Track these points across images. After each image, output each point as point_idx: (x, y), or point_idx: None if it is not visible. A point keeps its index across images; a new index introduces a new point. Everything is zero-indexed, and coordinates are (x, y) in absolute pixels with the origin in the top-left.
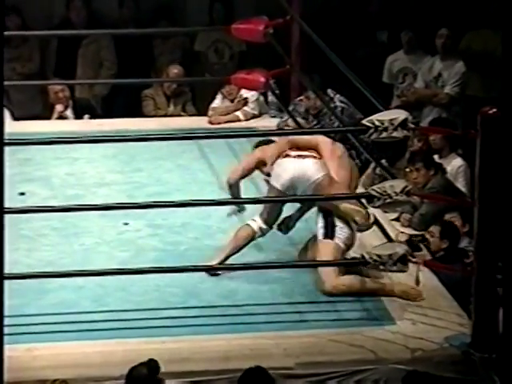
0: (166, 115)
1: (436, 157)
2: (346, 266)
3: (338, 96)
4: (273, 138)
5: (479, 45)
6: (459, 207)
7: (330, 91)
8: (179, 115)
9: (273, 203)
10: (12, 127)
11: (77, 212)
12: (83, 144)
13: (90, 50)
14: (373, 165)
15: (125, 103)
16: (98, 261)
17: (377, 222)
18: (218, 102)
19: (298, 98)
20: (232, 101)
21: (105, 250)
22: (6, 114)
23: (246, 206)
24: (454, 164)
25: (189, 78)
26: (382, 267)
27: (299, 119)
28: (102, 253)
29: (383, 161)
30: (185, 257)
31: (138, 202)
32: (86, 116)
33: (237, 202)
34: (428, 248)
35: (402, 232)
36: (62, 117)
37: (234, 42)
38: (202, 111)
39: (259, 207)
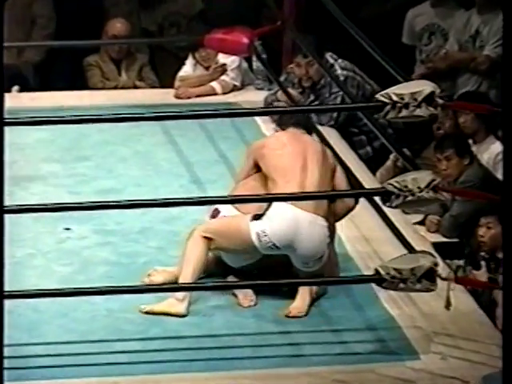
0: (116, 87)
1: (469, 142)
2: (358, 283)
3: (339, 61)
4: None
5: None
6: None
7: (329, 56)
8: (135, 87)
9: None
10: None
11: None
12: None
13: (18, 4)
14: (394, 155)
15: (65, 72)
16: (31, 278)
17: (395, 227)
18: (188, 69)
19: (290, 66)
20: (207, 68)
21: (40, 264)
22: None
23: None
24: (492, 151)
25: (147, 37)
26: (402, 285)
27: (293, 91)
28: (36, 267)
29: (403, 148)
30: (144, 272)
31: (83, 202)
32: (15, 88)
33: (213, 201)
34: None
35: None
36: None
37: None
38: (165, 81)
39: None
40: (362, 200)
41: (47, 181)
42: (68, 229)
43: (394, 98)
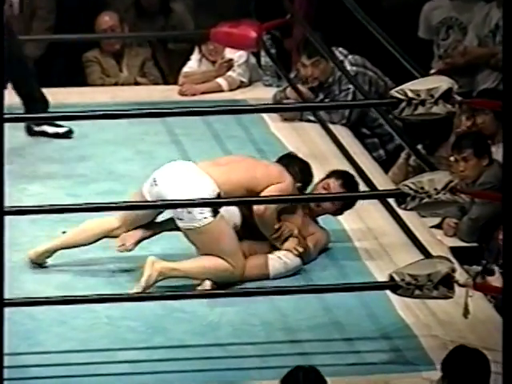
0: (117, 84)
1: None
2: (372, 289)
3: (349, 57)
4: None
5: None
6: None
7: (338, 52)
8: (136, 83)
9: None
10: None
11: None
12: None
13: None
14: (406, 152)
15: (63, 68)
16: (28, 284)
17: (410, 231)
18: (193, 64)
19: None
20: (213, 63)
21: (38, 270)
22: None
23: None
24: None
25: (148, 32)
26: (417, 292)
27: (303, 88)
28: (33, 273)
29: (419, 146)
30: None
31: (83, 203)
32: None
33: (218, 203)
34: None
35: None
36: None
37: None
38: (169, 77)
39: None
40: (375, 202)
41: (45, 182)
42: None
43: (410, 94)
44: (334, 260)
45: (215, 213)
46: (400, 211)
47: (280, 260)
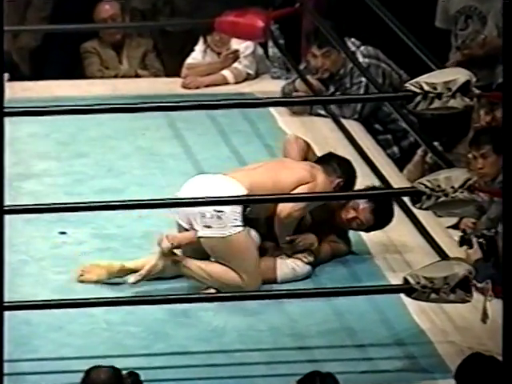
0: (117, 76)
1: None
2: (385, 293)
3: (362, 48)
4: None
5: None
6: None
7: (351, 43)
8: (137, 76)
9: None
10: None
11: None
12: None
13: None
14: (422, 149)
15: (60, 60)
16: (23, 287)
17: (426, 231)
18: (196, 55)
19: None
20: (219, 54)
21: (33, 272)
22: None
23: None
24: None
25: (149, 21)
26: (434, 295)
27: (313, 80)
28: (29, 275)
29: (436, 143)
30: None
31: (81, 202)
32: (6, 76)
33: (223, 201)
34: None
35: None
36: None
37: None
38: (171, 69)
39: None
40: None
41: (41, 179)
42: (64, 233)
43: (426, 87)
44: (345, 262)
45: (245, 223)
46: (415, 211)
47: (289, 265)
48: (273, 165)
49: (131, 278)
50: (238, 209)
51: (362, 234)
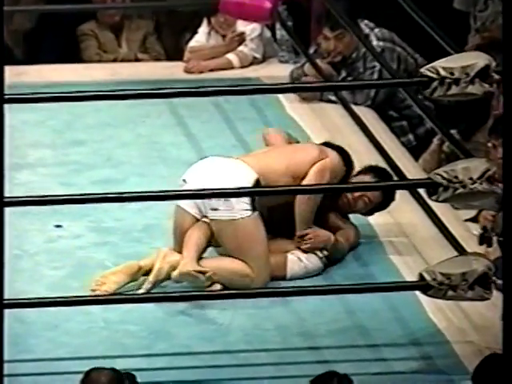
0: (116, 60)
1: None
2: (400, 290)
3: (376, 31)
4: None
5: None
6: None
7: (364, 25)
8: (137, 60)
9: None
10: None
11: None
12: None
13: None
14: (438, 138)
15: (56, 43)
16: (16, 283)
17: (442, 225)
18: (200, 38)
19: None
20: (223, 37)
21: (27, 267)
22: None
23: None
24: None
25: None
26: (451, 293)
27: (323, 64)
28: (23, 271)
29: (453, 131)
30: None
31: (77, 194)
32: None
33: (228, 193)
34: None
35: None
36: None
37: None
38: (173, 52)
39: None
40: (404, 193)
41: (35, 169)
42: (59, 226)
43: (443, 72)
44: (357, 257)
45: (254, 207)
46: (431, 203)
47: (300, 262)
48: (282, 148)
49: (142, 289)
50: None
51: (377, 229)
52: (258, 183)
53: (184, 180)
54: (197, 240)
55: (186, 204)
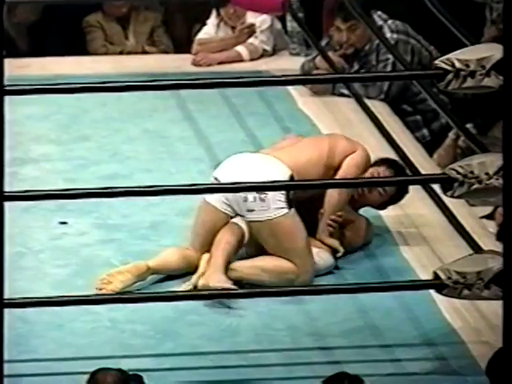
0: (122, 52)
1: None
2: (414, 289)
3: (389, 22)
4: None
5: None
6: None
7: (377, 16)
8: (144, 52)
9: None
10: None
11: None
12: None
13: None
14: (454, 132)
15: (60, 35)
16: (20, 281)
17: (457, 221)
18: (209, 30)
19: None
20: (232, 29)
21: (31, 265)
22: None
23: None
24: None
25: None
26: (466, 292)
27: (335, 57)
28: (26, 269)
29: (469, 125)
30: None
31: (83, 189)
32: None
33: (238, 188)
34: None
35: None
36: None
37: None
38: (181, 45)
39: None
40: (418, 188)
41: (39, 165)
42: (64, 223)
43: (458, 64)
44: (370, 255)
45: (290, 205)
46: (446, 199)
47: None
48: (308, 139)
49: (183, 286)
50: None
51: (390, 226)
52: (292, 178)
53: (215, 178)
54: (226, 245)
55: (217, 201)
